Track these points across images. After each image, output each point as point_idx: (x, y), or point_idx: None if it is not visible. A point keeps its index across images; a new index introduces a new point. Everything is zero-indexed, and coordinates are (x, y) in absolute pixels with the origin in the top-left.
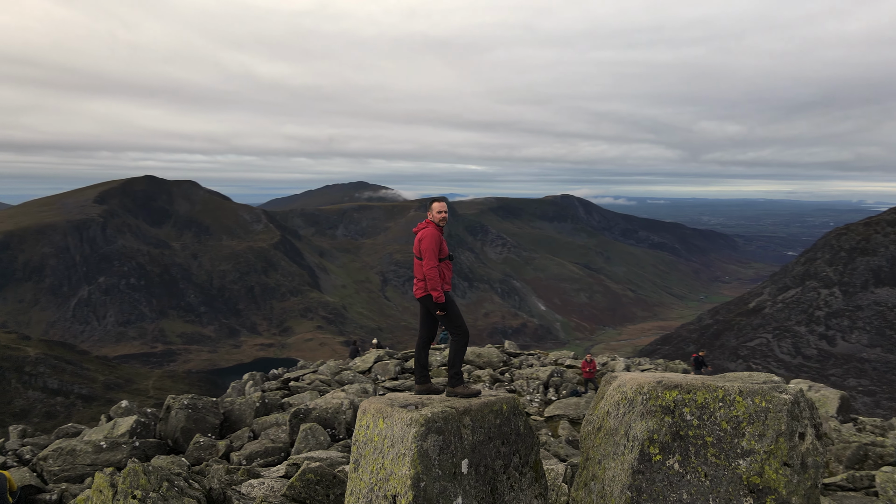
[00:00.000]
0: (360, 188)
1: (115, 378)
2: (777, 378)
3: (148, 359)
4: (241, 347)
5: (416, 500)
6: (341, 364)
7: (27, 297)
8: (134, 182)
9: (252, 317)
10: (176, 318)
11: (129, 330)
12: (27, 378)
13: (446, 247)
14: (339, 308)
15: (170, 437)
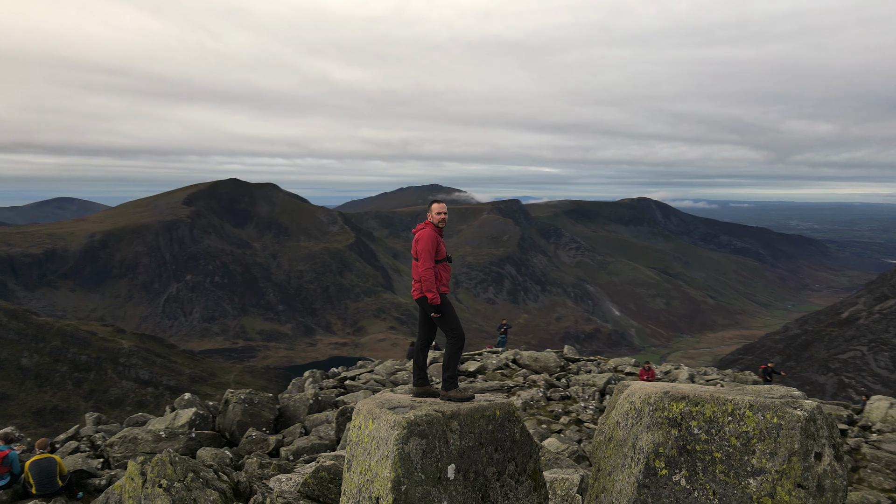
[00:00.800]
0: (434, 191)
1: (199, 371)
2: (797, 393)
3: (230, 354)
4: (317, 346)
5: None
6: (397, 365)
7: (123, 292)
8: (219, 185)
9: (327, 316)
10: (256, 315)
11: (212, 326)
12: (122, 368)
13: (444, 248)
14: (412, 309)
15: (227, 429)
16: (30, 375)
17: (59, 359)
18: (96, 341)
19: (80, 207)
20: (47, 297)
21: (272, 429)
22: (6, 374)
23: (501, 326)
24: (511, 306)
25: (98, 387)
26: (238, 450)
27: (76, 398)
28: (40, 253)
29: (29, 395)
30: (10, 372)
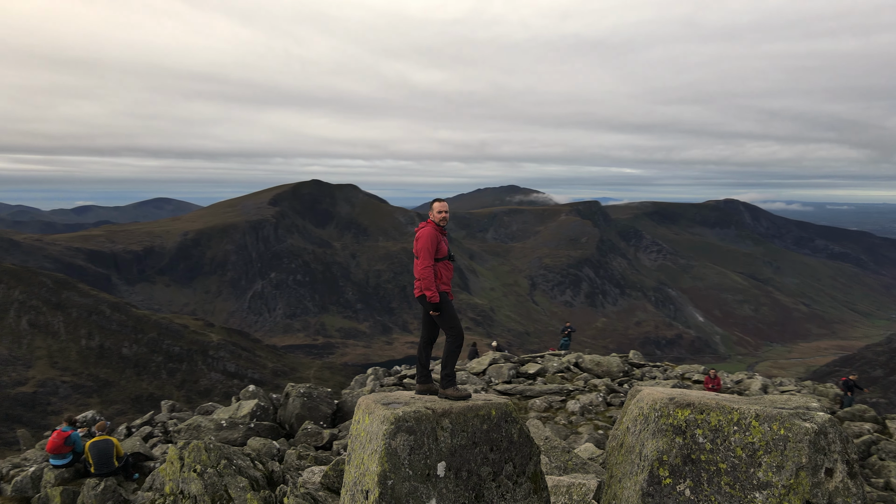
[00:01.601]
0: (511, 192)
1: (281, 366)
2: (815, 404)
3: (310, 350)
4: (394, 344)
5: (381, 498)
6: (458, 365)
7: (212, 288)
8: (302, 186)
9: (404, 315)
10: (335, 313)
11: (294, 322)
12: (210, 361)
13: (445, 247)
14: (487, 310)
15: (287, 422)
16: (129, 364)
17: (155, 349)
18: (188, 334)
19: (176, 207)
20: (145, 292)
21: (329, 423)
22: (109, 362)
23: (565, 329)
24: (589, 309)
25: (189, 377)
26: (294, 441)
27: (170, 387)
28: (140, 250)
29: (129, 383)
30: (113, 360)
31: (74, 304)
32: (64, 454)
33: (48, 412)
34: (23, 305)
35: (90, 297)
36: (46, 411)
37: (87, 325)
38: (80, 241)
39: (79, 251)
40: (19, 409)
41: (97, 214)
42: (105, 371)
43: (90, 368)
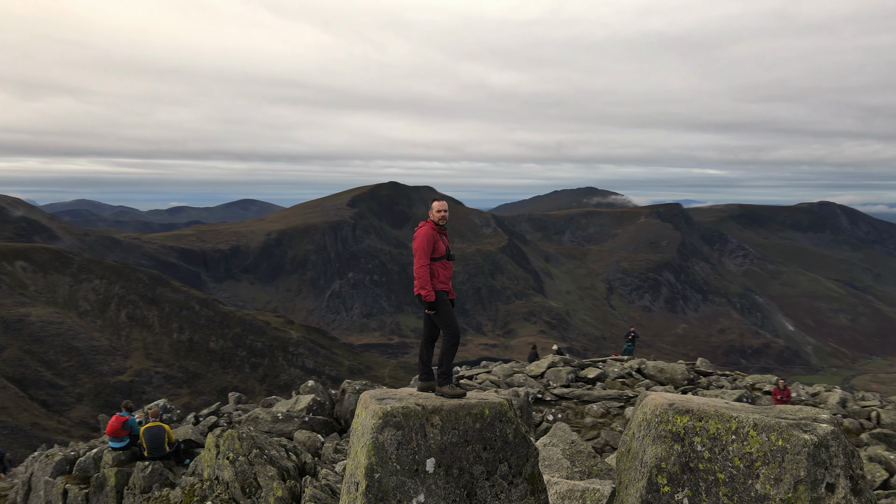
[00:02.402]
0: (589, 194)
1: (357, 364)
2: (825, 416)
3: (385, 349)
4: (467, 346)
5: (368, 490)
6: (515, 367)
7: (293, 287)
8: (380, 188)
9: (478, 317)
10: (410, 313)
11: (370, 321)
12: (290, 356)
13: (443, 246)
14: (563, 314)
15: (342, 417)
16: (216, 357)
17: (239, 344)
18: (270, 330)
19: (260, 208)
20: (231, 289)
21: None
22: (198, 354)
23: (629, 334)
24: (668, 315)
25: (270, 372)
26: (346, 436)
27: (252, 381)
28: (227, 249)
29: (215, 375)
30: (201, 353)
31: (167, 300)
32: (121, 437)
33: (143, 401)
34: (122, 300)
35: (181, 293)
36: (141, 399)
37: (179, 320)
38: (173, 240)
39: (172, 249)
40: (118, 396)
41: (189, 215)
42: (194, 363)
43: (180, 360)
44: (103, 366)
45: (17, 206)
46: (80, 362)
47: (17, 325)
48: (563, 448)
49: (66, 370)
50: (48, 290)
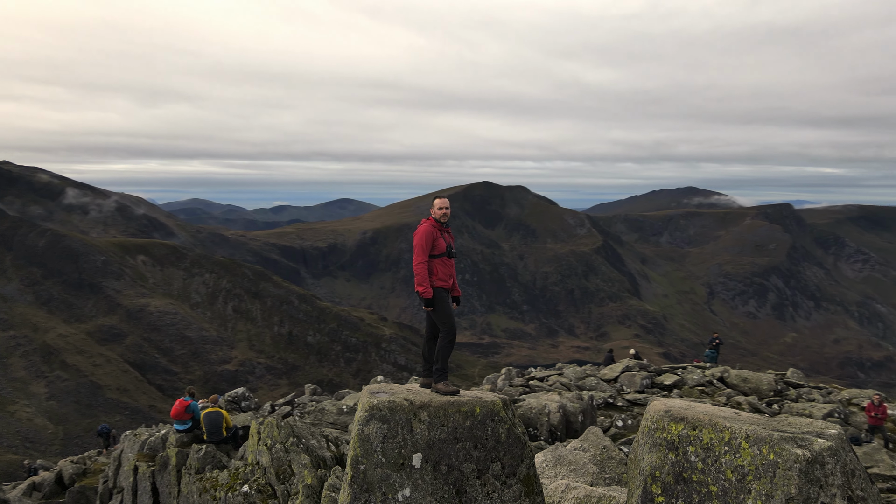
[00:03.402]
0: (689, 194)
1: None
2: (834, 431)
3: (476, 348)
4: (559, 347)
5: (353, 481)
6: (589, 370)
7: (387, 284)
8: (473, 187)
9: (570, 319)
10: (502, 313)
11: (461, 320)
12: (383, 353)
13: (443, 244)
14: (659, 318)
15: None
16: (313, 351)
17: (335, 339)
18: (364, 326)
19: (357, 208)
20: (328, 285)
21: None
22: (296, 348)
23: (712, 340)
24: (776, 323)
25: (363, 367)
26: None
27: (346, 375)
28: (325, 247)
29: (312, 368)
30: (299, 347)
31: (269, 294)
32: (184, 420)
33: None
34: (229, 293)
35: (282, 288)
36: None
37: (279, 314)
38: (275, 238)
39: (274, 246)
40: (223, 384)
41: (290, 213)
42: (293, 356)
43: (281, 353)
44: (211, 355)
45: (139, 204)
46: (192, 351)
47: (138, 315)
48: (593, 453)
49: (179, 358)
50: (165, 283)
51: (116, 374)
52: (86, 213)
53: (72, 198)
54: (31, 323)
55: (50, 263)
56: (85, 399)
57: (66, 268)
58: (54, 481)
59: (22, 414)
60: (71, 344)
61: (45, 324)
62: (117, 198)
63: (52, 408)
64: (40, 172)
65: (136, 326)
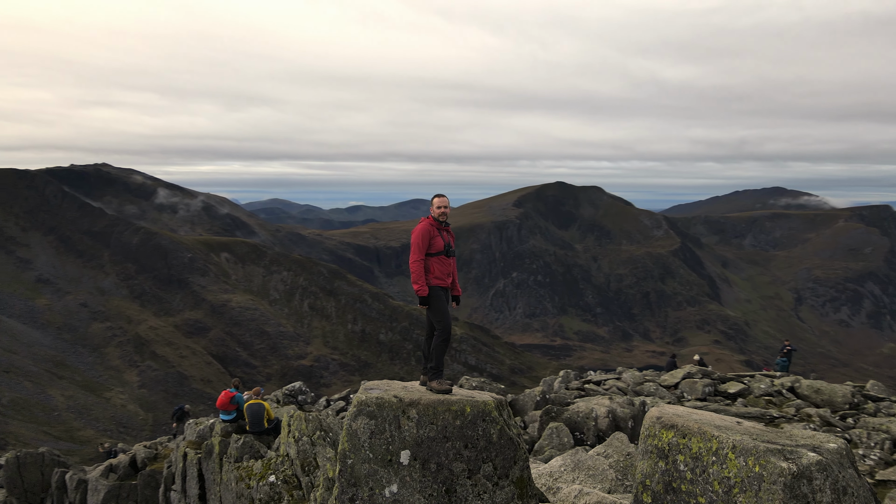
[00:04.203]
0: (776, 194)
1: (518, 364)
2: (833, 445)
3: (547, 350)
4: (633, 352)
5: (341, 474)
6: (648, 375)
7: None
8: (546, 188)
9: (646, 322)
10: (574, 315)
11: (533, 322)
12: (454, 353)
13: (441, 242)
14: (741, 324)
15: None
16: (385, 349)
17: (406, 338)
18: None
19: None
20: (401, 284)
21: None
22: (369, 345)
23: (784, 348)
24: (871, 332)
25: None
26: None
27: (418, 373)
28: (398, 246)
29: (384, 366)
30: (372, 344)
31: (343, 292)
32: (229, 411)
33: (320, 384)
34: (305, 290)
35: (356, 286)
36: (319, 384)
37: (353, 312)
38: (350, 237)
39: (349, 246)
40: (300, 378)
41: (365, 213)
42: (365, 353)
43: (354, 350)
44: (288, 350)
45: (223, 204)
46: (270, 345)
47: (221, 310)
48: (615, 459)
49: (258, 352)
50: (246, 280)
51: (201, 366)
52: (175, 212)
53: (163, 198)
54: (125, 315)
55: (142, 260)
56: (172, 388)
57: (157, 264)
58: (128, 464)
59: (116, 400)
60: (160, 336)
61: (137, 316)
62: (203, 198)
63: (143, 395)
64: (135, 174)
65: (219, 321)
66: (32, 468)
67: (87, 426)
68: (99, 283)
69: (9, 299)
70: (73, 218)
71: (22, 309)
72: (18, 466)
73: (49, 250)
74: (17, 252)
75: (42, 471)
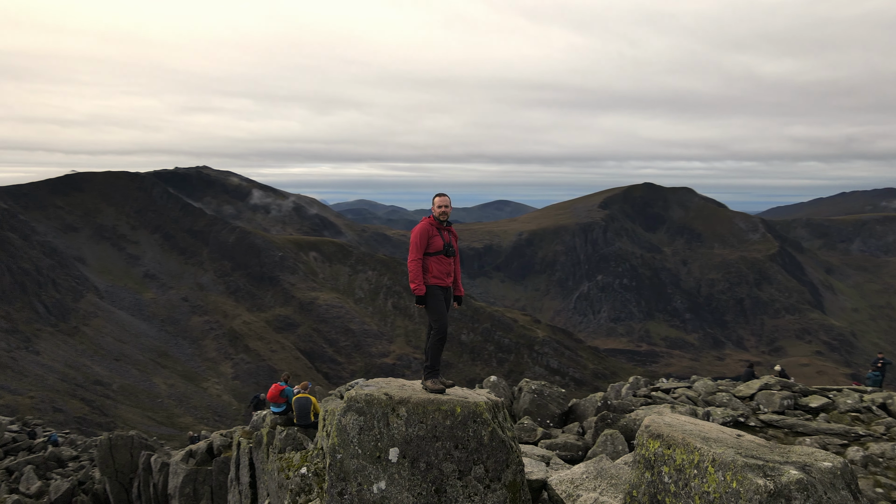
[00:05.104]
0: (889, 195)
1: (602, 368)
2: (827, 464)
3: (632, 356)
4: (725, 360)
5: (330, 468)
6: (722, 385)
7: (541, 286)
8: (634, 189)
9: (739, 330)
10: (661, 321)
11: (618, 326)
12: (536, 355)
13: (440, 241)
14: (847, 335)
15: (517, 414)
16: (466, 350)
17: (488, 339)
18: (517, 328)
19: (514, 209)
20: (483, 285)
21: (557, 423)
22: (450, 346)
23: (877, 361)
24: None
25: (516, 368)
26: None
27: (498, 375)
28: (480, 247)
29: (465, 366)
30: (453, 345)
31: None
32: (279, 404)
33: None
34: (389, 290)
35: None
36: None
37: None
38: None
39: None
40: (381, 375)
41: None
42: (447, 353)
43: None
44: (372, 348)
45: (312, 205)
46: (354, 343)
47: (309, 307)
48: None
49: (343, 349)
50: (332, 278)
51: (289, 361)
52: (267, 213)
53: (257, 198)
54: (221, 310)
55: (237, 257)
56: (263, 381)
57: (251, 262)
58: (206, 450)
59: (213, 390)
60: (253, 331)
61: (232, 311)
62: (294, 199)
63: (236, 386)
64: (232, 176)
65: (307, 317)
66: (122, 450)
67: (186, 413)
68: (198, 279)
69: (120, 293)
70: (176, 217)
71: (131, 302)
72: (110, 447)
73: (155, 247)
74: (127, 249)
75: (131, 452)
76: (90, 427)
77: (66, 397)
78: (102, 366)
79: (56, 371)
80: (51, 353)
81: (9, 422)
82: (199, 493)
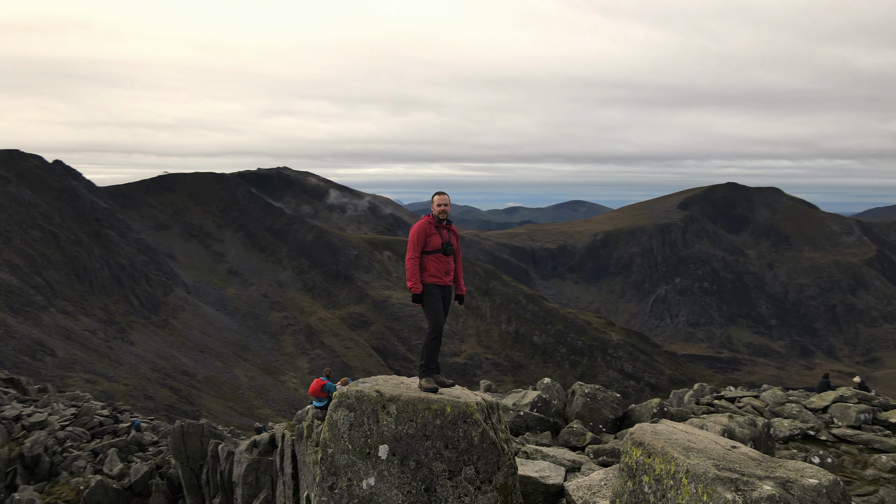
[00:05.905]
0: None
1: (679, 374)
2: (812, 481)
3: (712, 362)
4: (814, 370)
5: (322, 462)
6: (792, 395)
7: (616, 289)
8: (715, 189)
9: (831, 339)
10: (744, 327)
11: (697, 331)
12: (609, 359)
13: (438, 240)
14: None
15: (570, 417)
16: (538, 351)
17: (560, 341)
18: (591, 330)
19: (589, 210)
20: (556, 287)
21: (611, 428)
22: (522, 346)
23: None
24: None
25: (588, 371)
26: (557, 438)
27: (571, 378)
28: (554, 248)
29: (536, 368)
30: (525, 346)
31: (498, 293)
32: (321, 398)
33: (473, 383)
34: None
35: (511, 287)
36: (472, 382)
37: (507, 312)
38: (506, 238)
39: (505, 246)
40: (453, 375)
41: (522, 215)
42: (518, 354)
43: (507, 350)
44: (443, 347)
45: (387, 204)
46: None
47: (383, 305)
48: None
49: (415, 347)
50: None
51: (363, 357)
52: (343, 212)
53: (333, 198)
54: (299, 306)
55: (314, 256)
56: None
57: (327, 260)
58: (268, 441)
59: (290, 384)
60: (328, 327)
61: (309, 308)
62: (369, 198)
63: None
64: (310, 176)
65: (380, 315)
66: (193, 437)
67: (265, 405)
68: (278, 277)
69: (206, 288)
70: (258, 216)
71: (215, 297)
72: (182, 435)
73: (238, 245)
74: (213, 246)
75: (201, 440)
76: (177, 415)
77: (157, 386)
78: (189, 357)
79: (148, 361)
80: (143, 344)
81: (100, 406)
82: (260, 482)
